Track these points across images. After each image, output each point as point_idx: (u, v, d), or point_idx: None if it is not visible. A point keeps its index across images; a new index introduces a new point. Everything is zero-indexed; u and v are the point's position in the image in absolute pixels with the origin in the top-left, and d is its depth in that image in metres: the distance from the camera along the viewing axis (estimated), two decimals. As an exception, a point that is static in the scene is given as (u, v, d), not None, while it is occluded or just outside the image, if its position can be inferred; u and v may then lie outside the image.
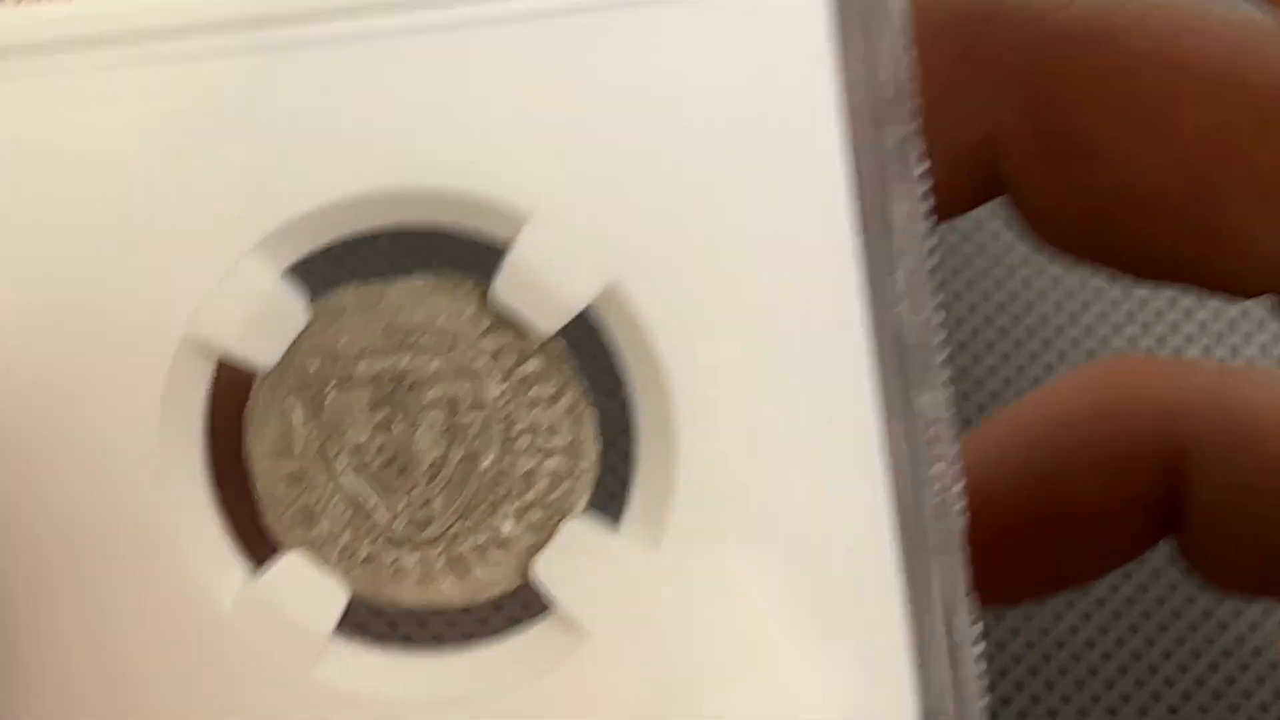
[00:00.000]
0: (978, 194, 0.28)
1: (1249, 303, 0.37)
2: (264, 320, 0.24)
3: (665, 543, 0.25)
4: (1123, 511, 0.32)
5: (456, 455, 0.25)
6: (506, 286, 0.24)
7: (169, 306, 0.24)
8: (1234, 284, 0.26)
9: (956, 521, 0.25)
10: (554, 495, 0.25)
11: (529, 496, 0.25)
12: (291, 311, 0.24)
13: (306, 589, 0.25)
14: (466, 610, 0.25)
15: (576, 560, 0.25)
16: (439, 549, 0.25)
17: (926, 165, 0.24)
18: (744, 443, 0.25)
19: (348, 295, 0.25)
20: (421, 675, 0.25)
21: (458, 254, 0.25)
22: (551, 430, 0.25)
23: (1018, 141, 0.26)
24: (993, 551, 0.26)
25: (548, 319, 0.25)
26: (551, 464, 0.25)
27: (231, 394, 0.25)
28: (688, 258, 0.24)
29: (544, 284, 0.24)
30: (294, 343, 0.25)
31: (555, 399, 0.25)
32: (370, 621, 0.25)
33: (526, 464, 0.25)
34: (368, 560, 0.25)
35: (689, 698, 0.25)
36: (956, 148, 0.27)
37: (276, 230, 0.24)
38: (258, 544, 0.25)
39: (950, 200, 0.28)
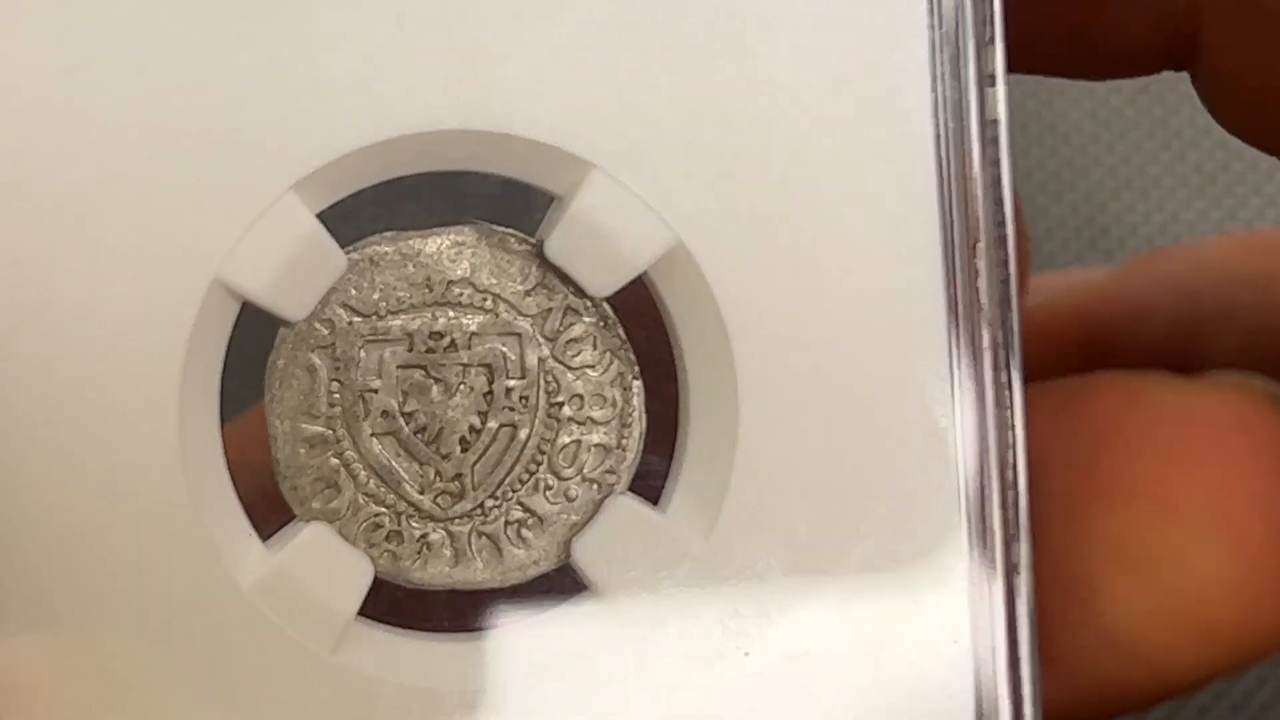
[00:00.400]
0: (1166, 61, 0.26)
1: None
2: (298, 267, 0.22)
3: (717, 528, 0.23)
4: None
5: (494, 424, 0.23)
6: (563, 242, 0.23)
7: (201, 246, 0.21)
8: None
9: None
10: (596, 471, 0.23)
11: (569, 471, 0.23)
12: (327, 260, 0.22)
13: (330, 566, 0.22)
14: (498, 592, 0.23)
15: (621, 541, 0.23)
16: (470, 526, 0.23)
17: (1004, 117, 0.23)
18: (809, 422, 0.23)
19: (383, 245, 0.23)
20: (449, 662, 0.23)
21: (497, 206, 0.23)
22: (597, 400, 0.23)
23: (1228, 18, 0.25)
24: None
25: (605, 279, 0.23)
26: (595, 437, 0.23)
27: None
28: (759, 221, 0.23)
29: (605, 241, 0.22)
30: (325, 294, 0.22)
31: (601, 367, 0.23)
32: (395, 604, 0.23)
33: (568, 436, 0.23)
34: (393, 536, 0.23)
35: (737, 696, 0.23)
36: (1160, 10, 0.25)
37: (317, 170, 0.22)
38: (263, 512, 0.23)
39: (1138, 61, 0.26)
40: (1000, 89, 0.22)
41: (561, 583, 0.23)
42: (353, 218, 0.23)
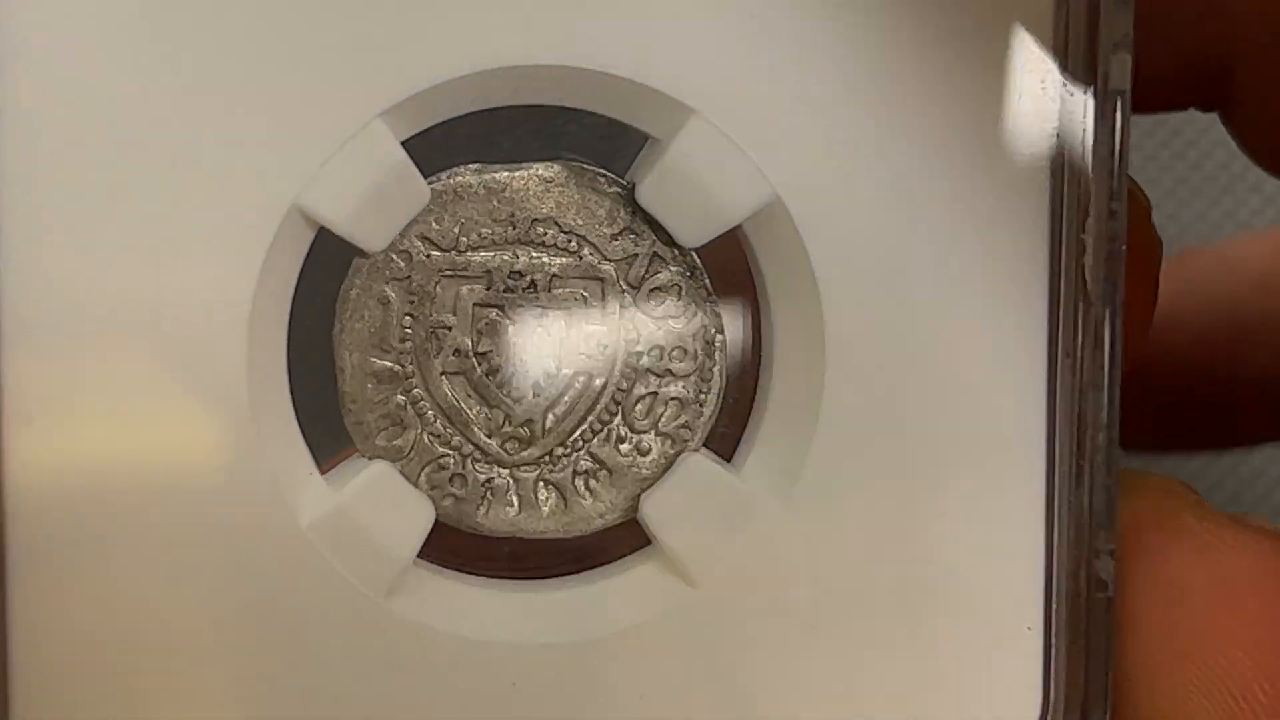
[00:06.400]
0: (1193, 100, 0.25)
1: None
2: (380, 198, 0.21)
3: (795, 493, 0.22)
4: None
5: (569, 371, 0.22)
6: (657, 187, 0.22)
7: (282, 171, 0.20)
8: None
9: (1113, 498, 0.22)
10: (671, 425, 0.22)
11: (644, 424, 0.22)
12: (411, 191, 0.21)
13: (391, 507, 0.22)
14: (561, 543, 0.23)
15: (693, 500, 0.22)
16: (537, 473, 0.22)
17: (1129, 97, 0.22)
18: (895, 390, 0.22)
19: (468, 177, 0.22)
20: (507, 614, 0.22)
21: (590, 145, 0.22)
22: (678, 352, 0.22)
23: (1262, 56, 0.24)
24: (1168, 400, 0.24)
25: (697, 229, 0.22)
26: (673, 390, 0.22)
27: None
28: (857, 181, 0.22)
29: (701, 190, 0.21)
30: (406, 225, 0.21)
31: (685, 319, 0.22)
32: (455, 549, 0.22)
33: (645, 387, 0.22)
34: (456, 479, 0.22)
35: (800, 664, 0.22)
36: (1190, 50, 0.24)
37: (408, 98, 0.21)
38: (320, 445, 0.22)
39: (1163, 99, 0.25)
40: (1128, 57, 0.21)
41: (627, 538, 0.23)
42: (439, 146, 0.22)
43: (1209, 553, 0.22)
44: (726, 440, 0.23)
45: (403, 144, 0.21)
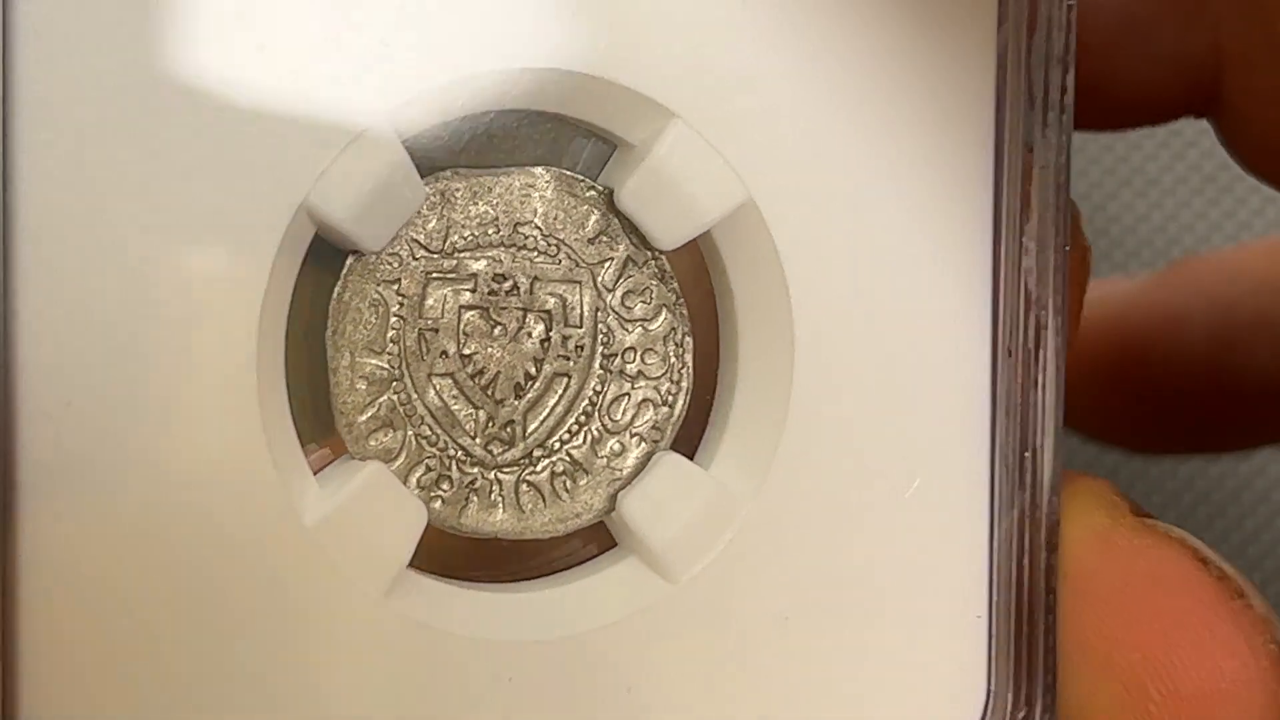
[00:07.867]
0: (1185, 109, 0.26)
1: None
2: (383, 197, 0.21)
3: (766, 488, 0.23)
4: None
5: (548, 371, 0.23)
6: (637, 191, 0.22)
7: (292, 171, 0.21)
8: None
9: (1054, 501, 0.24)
10: (644, 426, 0.23)
11: (618, 424, 0.23)
12: (410, 192, 0.22)
13: (388, 508, 0.22)
14: (544, 544, 0.23)
15: (670, 498, 0.23)
16: (517, 474, 0.23)
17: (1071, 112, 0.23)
18: (856, 386, 0.23)
19: (456, 181, 0.22)
20: (498, 613, 0.22)
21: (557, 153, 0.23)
22: (649, 354, 0.23)
23: (1252, 64, 0.25)
24: (1169, 403, 0.25)
25: (674, 232, 0.22)
26: (645, 391, 0.23)
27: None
28: (824, 183, 0.23)
29: (679, 193, 0.22)
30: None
31: (656, 320, 0.23)
32: (443, 552, 0.23)
33: (619, 389, 0.23)
34: (442, 480, 0.22)
35: (775, 654, 0.23)
36: (1178, 59, 0.26)
37: (409, 100, 0.21)
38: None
39: (1156, 110, 0.26)
40: (1069, 70, 0.23)
41: (606, 538, 0.23)
42: (425, 149, 0.22)
43: (1113, 553, 0.24)
44: (682, 439, 0.24)
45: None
